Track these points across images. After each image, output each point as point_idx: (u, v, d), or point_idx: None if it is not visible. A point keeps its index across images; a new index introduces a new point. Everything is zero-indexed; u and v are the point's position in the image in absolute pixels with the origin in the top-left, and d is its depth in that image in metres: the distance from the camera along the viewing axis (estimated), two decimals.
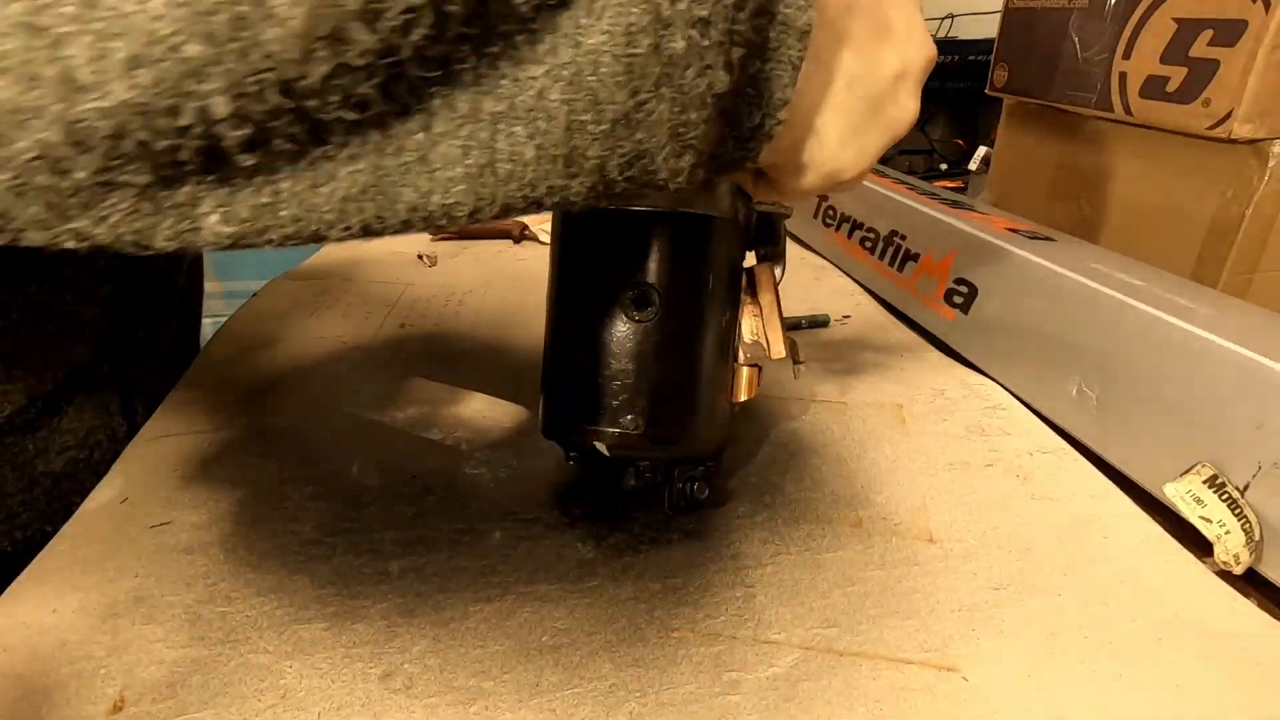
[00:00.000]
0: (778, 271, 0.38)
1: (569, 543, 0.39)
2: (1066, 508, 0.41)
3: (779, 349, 0.37)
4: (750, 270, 0.38)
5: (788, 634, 0.33)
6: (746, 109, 0.23)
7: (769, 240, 0.38)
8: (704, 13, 0.19)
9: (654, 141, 0.20)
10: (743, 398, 0.37)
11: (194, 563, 0.38)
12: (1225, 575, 0.37)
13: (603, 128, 0.19)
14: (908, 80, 0.29)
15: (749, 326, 0.38)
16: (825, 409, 0.50)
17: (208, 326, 1.70)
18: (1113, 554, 0.38)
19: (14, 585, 0.37)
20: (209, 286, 1.54)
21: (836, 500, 0.41)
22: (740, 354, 0.37)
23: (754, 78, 0.22)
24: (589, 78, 0.18)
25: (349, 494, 0.43)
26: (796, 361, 0.40)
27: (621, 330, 0.33)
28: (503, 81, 0.18)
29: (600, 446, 0.34)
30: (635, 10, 0.18)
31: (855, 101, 0.27)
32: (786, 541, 0.39)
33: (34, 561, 0.39)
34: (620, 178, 0.21)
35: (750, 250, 0.37)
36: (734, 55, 0.20)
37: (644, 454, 0.37)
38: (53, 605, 0.36)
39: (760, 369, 0.38)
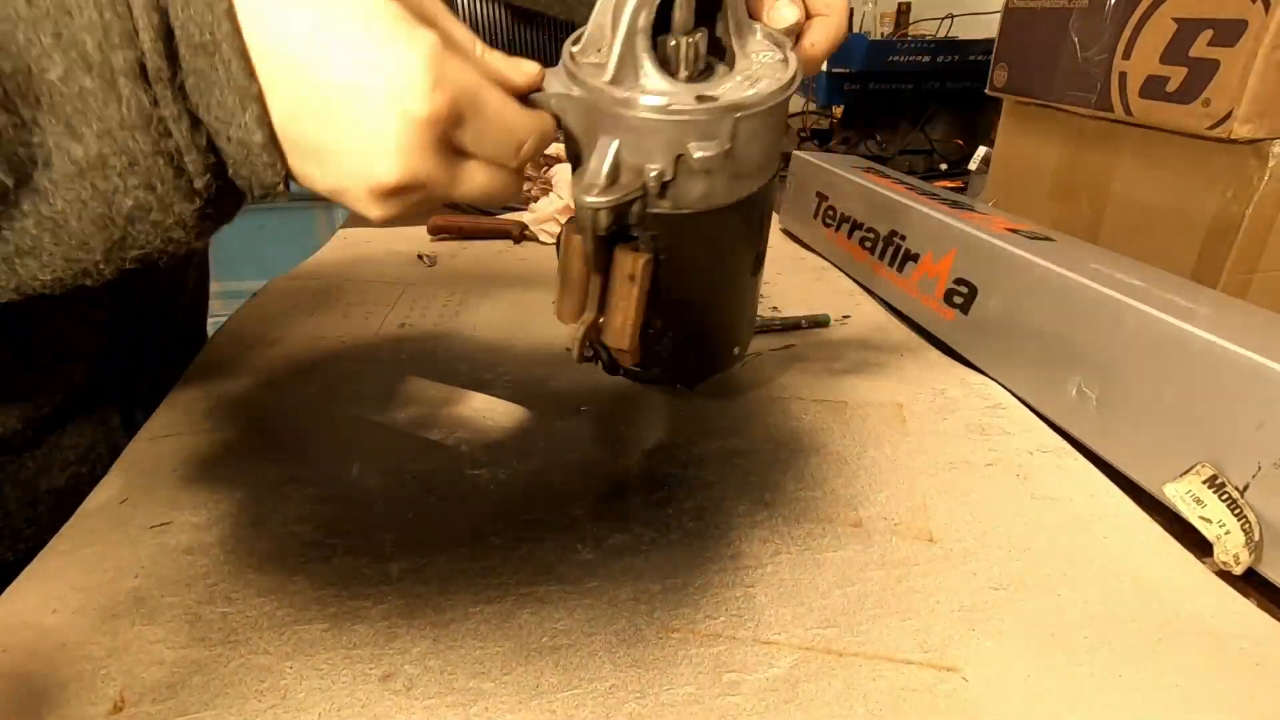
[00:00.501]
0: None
1: (569, 544, 0.39)
2: (1066, 508, 0.41)
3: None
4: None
5: (788, 634, 0.33)
6: (239, 196, 0.26)
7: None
8: (139, 180, 0.23)
9: (153, 247, 0.25)
10: None
11: (194, 563, 0.38)
12: (1225, 575, 0.37)
13: (97, 257, 0.25)
14: (366, 161, 0.25)
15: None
16: (825, 408, 0.50)
17: (208, 326, 1.70)
18: (1113, 554, 0.38)
19: (14, 585, 0.37)
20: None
21: (837, 499, 0.41)
22: None
23: (232, 181, 0.25)
24: (65, 230, 0.24)
25: (349, 495, 0.43)
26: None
27: (749, 285, 0.40)
28: (5, 232, 0.24)
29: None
30: (77, 187, 0.23)
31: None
32: (787, 541, 0.39)
33: (34, 562, 0.39)
34: (139, 266, 0.26)
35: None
36: (199, 184, 0.24)
37: None
38: (53, 606, 0.36)
39: None
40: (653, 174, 0.30)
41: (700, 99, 0.29)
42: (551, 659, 0.33)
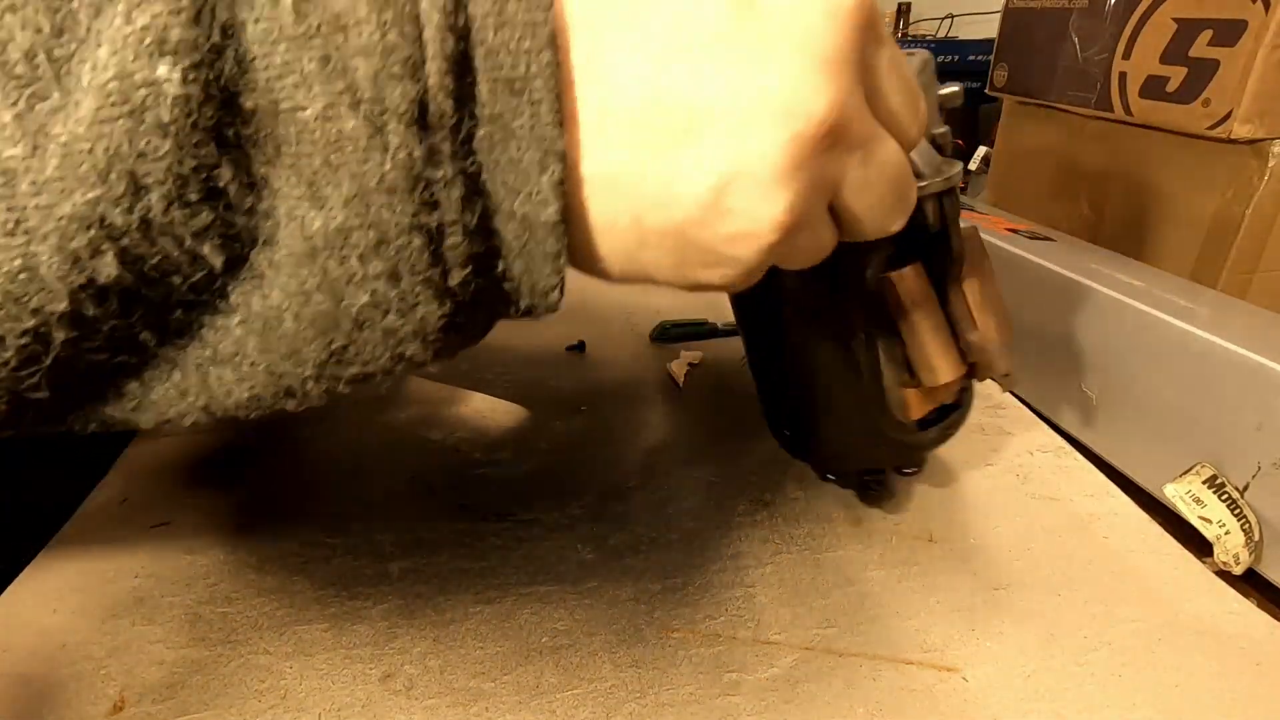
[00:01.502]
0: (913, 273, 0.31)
1: (569, 544, 0.39)
2: (1066, 507, 0.41)
3: (932, 373, 0.31)
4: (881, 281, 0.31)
5: (788, 634, 0.33)
6: (499, 306, 0.20)
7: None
8: (383, 267, 0.17)
9: (378, 365, 0.19)
10: (912, 416, 0.34)
11: (194, 563, 0.38)
12: (1225, 575, 0.37)
13: (308, 371, 0.19)
14: (745, 182, 0.18)
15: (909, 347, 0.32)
16: None
17: None
18: (1113, 554, 0.38)
19: (14, 585, 0.37)
20: None
21: (837, 499, 0.41)
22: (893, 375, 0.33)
23: (499, 279, 0.19)
24: (278, 332, 0.17)
25: (350, 494, 0.43)
26: (1001, 376, 0.34)
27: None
28: (203, 331, 0.17)
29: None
30: (305, 273, 0.17)
31: (660, 246, 0.19)
32: (787, 541, 0.39)
33: (34, 561, 0.39)
34: (351, 391, 0.20)
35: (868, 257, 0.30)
36: (454, 280, 0.18)
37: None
38: (53, 605, 0.36)
39: (927, 387, 0.33)
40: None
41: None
42: (551, 659, 0.33)
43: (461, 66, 0.16)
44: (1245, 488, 0.36)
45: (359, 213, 0.16)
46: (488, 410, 0.51)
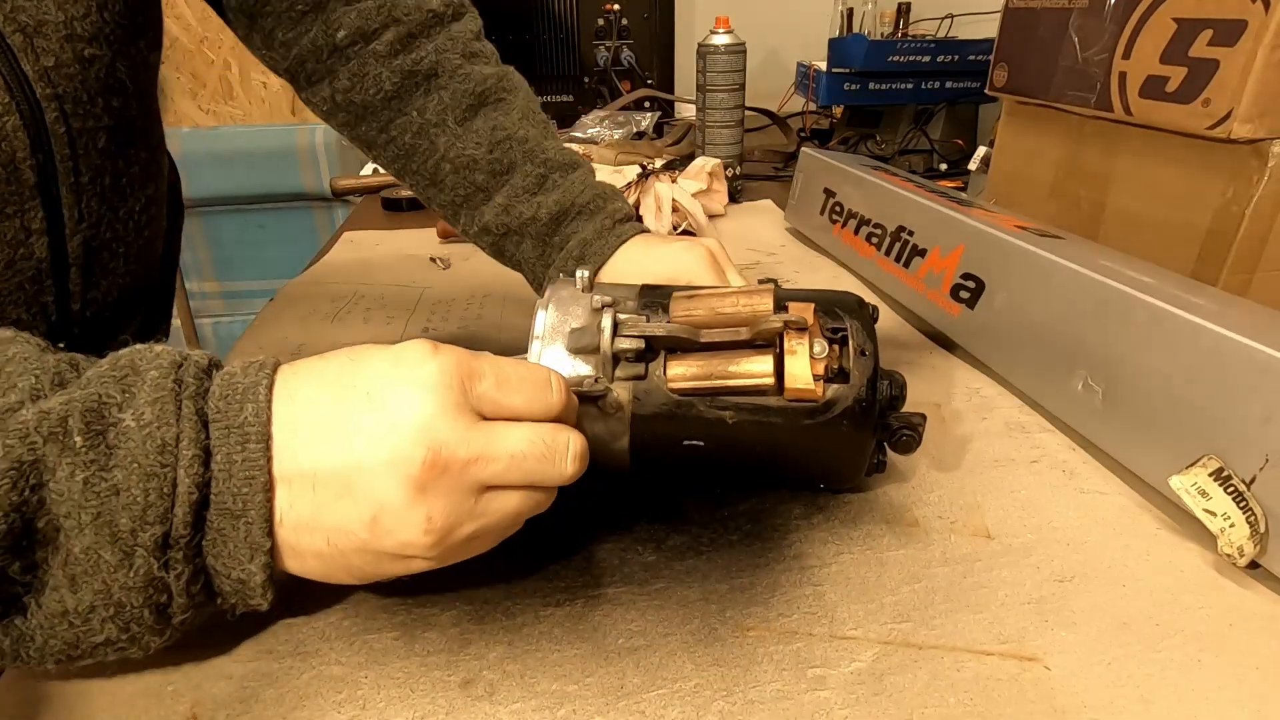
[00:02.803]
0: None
1: (628, 546, 0.39)
2: (1116, 500, 0.42)
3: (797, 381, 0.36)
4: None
5: (863, 630, 0.34)
6: (206, 614, 0.30)
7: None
8: (117, 628, 0.27)
9: (104, 658, 0.28)
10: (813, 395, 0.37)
11: None
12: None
13: (49, 664, 0.28)
14: (388, 511, 0.28)
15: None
16: None
17: (207, 326, 1.66)
18: (1167, 544, 0.38)
19: None
20: (208, 287, 1.51)
21: (890, 501, 0.42)
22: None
23: (218, 606, 0.30)
24: (30, 643, 0.26)
25: None
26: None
27: None
28: None
29: None
30: (56, 624, 0.26)
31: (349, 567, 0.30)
32: (847, 541, 0.39)
33: None
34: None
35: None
36: (175, 622, 0.28)
37: None
38: None
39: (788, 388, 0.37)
40: None
41: None
42: (631, 660, 0.33)
43: (200, 506, 0.25)
44: (1252, 480, 0.36)
45: (104, 600, 0.25)
46: None
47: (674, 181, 0.86)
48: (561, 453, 0.30)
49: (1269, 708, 0.30)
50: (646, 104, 1.40)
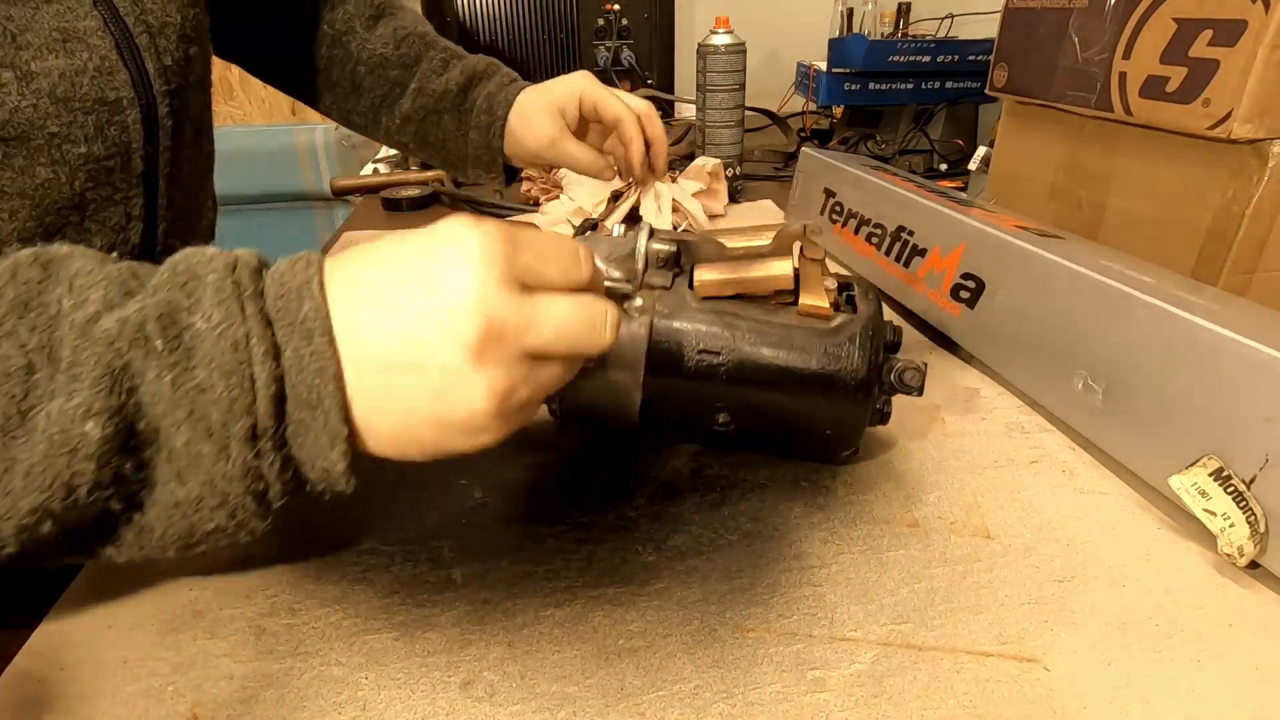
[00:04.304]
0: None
1: (629, 546, 0.39)
2: (1116, 500, 0.42)
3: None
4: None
5: (863, 631, 0.34)
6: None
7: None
8: (225, 514, 0.28)
9: (216, 546, 0.30)
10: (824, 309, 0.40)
11: (250, 575, 0.37)
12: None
13: (170, 554, 0.30)
14: (452, 383, 0.28)
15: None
16: None
17: None
18: (1168, 544, 0.38)
19: (60, 601, 0.36)
20: None
21: (890, 501, 0.42)
22: None
23: (307, 493, 0.30)
24: (150, 536, 0.29)
25: (398, 501, 0.42)
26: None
27: None
28: (104, 544, 0.29)
29: None
30: (170, 514, 0.28)
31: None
32: (847, 542, 0.39)
33: (78, 575, 0.38)
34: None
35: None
36: (274, 506, 0.29)
37: None
38: (107, 621, 0.35)
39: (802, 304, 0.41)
40: None
41: None
42: (631, 661, 0.33)
43: (279, 399, 0.27)
44: (1252, 480, 0.36)
45: (209, 490, 0.27)
46: None
47: (674, 181, 0.86)
48: (601, 322, 0.31)
49: (1269, 708, 0.30)
50: None
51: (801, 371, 0.39)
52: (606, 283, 0.37)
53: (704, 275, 0.40)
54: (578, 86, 0.62)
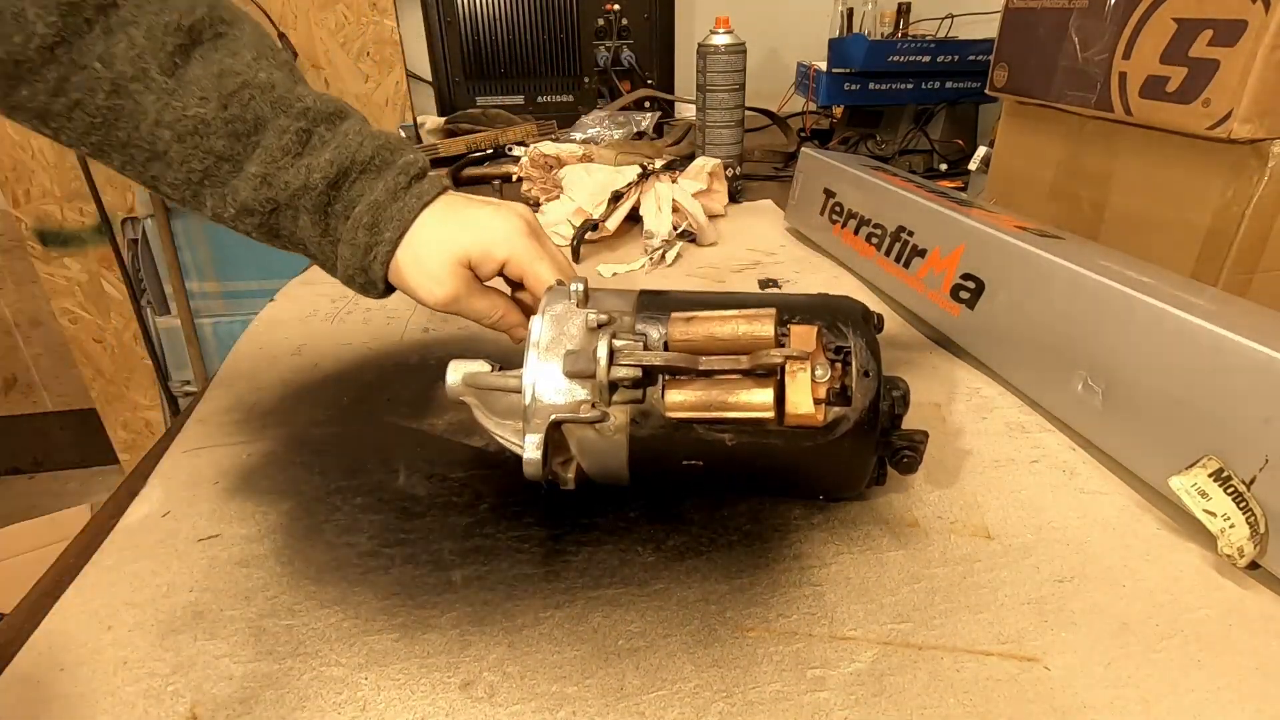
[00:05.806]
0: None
1: (629, 546, 0.39)
2: (1116, 500, 0.41)
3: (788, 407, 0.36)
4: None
5: (863, 630, 0.34)
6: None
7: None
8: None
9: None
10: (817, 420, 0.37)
11: (250, 576, 0.37)
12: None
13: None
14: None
15: None
16: None
17: (207, 326, 1.65)
18: (1168, 544, 0.38)
19: (60, 602, 0.36)
20: (208, 287, 1.51)
21: (890, 501, 0.42)
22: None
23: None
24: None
25: (399, 504, 0.42)
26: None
27: None
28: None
29: None
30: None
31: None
32: (847, 541, 0.39)
33: (79, 577, 0.38)
34: None
35: None
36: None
37: None
38: (106, 623, 0.35)
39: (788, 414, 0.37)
40: None
41: None
42: (631, 661, 0.33)
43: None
44: (1252, 481, 0.36)
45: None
46: None
47: (674, 181, 0.86)
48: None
49: (1269, 708, 0.30)
50: (646, 104, 1.40)
51: (792, 469, 0.38)
52: (572, 418, 0.37)
53: (675, 397, 0.36)
54: (504, 245, 0.45)
